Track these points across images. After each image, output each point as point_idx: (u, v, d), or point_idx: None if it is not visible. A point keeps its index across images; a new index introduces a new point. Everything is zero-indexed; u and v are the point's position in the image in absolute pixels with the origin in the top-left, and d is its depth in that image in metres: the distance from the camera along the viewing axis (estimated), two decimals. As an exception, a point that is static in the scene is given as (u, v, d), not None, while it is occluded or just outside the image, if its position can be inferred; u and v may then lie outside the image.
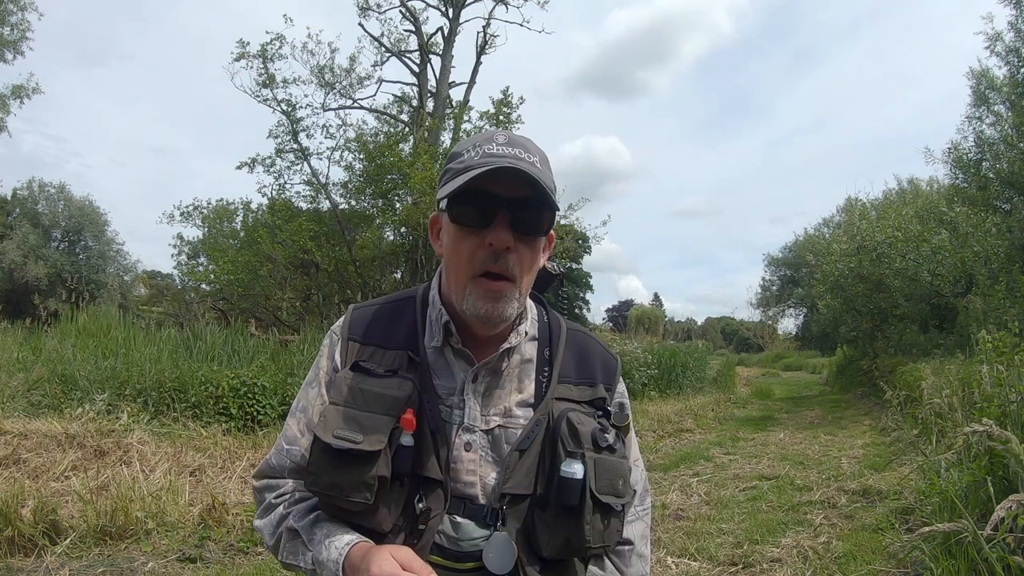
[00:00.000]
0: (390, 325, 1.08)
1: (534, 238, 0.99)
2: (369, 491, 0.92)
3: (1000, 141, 11.55)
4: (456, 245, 0.98)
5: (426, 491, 0.97)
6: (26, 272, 22.24)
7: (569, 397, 1.05)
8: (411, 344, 1.04)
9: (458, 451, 1.00)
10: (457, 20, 14.78)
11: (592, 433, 0.99)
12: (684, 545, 3.74)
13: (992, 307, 8.70)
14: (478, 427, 1.01)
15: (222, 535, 3.58)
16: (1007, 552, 2.22)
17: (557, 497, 0.95)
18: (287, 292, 12.71)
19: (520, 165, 0.94)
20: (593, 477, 0.95)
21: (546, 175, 0.97)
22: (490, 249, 0.95)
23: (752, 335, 43.58)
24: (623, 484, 0.99)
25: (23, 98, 19.22)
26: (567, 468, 0.95)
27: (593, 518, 0.95)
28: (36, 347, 6.65)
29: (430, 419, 0.98)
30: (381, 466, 0.93)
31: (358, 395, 0.96)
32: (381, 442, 0.93)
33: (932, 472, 3.79)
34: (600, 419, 1.02)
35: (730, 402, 12.39)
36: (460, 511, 0.98)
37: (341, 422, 0.94)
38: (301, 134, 13.02)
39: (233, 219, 15.43)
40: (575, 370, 1.09)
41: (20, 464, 4.03)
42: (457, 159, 1.00)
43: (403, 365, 1.02)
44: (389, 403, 0.96)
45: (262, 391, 5.91)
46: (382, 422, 0.94)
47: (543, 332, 1.11)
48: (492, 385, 1.03)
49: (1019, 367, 3.52)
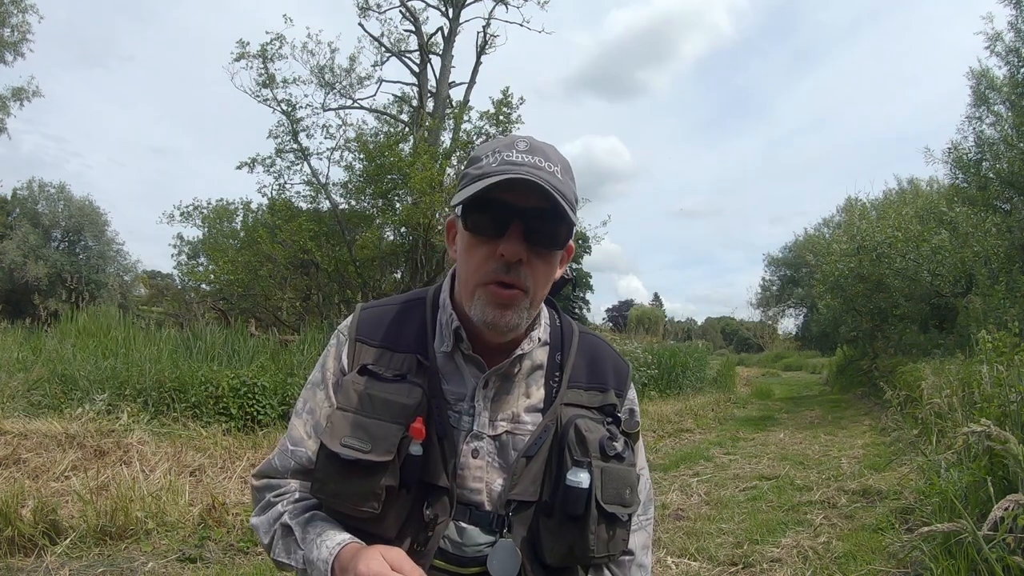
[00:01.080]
0: (399, 327, 1.06)
1: (549, 251, 0.96)
2: (376, 501, 0.91)
3: (1000, 141, 11.55)
4: (469, 252, 0.96)
5: (432, 499, 0.96)
6: (26, 272, 22.25)
7: (579, 403, 1.03)
8: (420, 347, 1.03)
9: (465, 458, 0.98)
10: (457, 20, 14.77)
11: (600, 441, 0.97)
12: (684, 545, 3.74)
13: (992, 307, 8.70)
14: (486, 433, 0.99)
15: (222, 535, 3.58)
16: (1007, 552, 2.22)
17: (562, 506, 0.94)
18: (287, 292, 12.71)
19: (539, 175, 0.91)
20: (600, 487, 0.94)
21: (566, 185, 0.94)
22: (501, 260, 0.92)
23: (752, 335, 43.58)
24: (630, 493, 0.98)
25: (23, 100, 19.26)
26: (573, 477, 0.93)
27: (598, 528, 0.94)
28: (36, 347, 6.65)
29: (438, 426, 0.97)
30: (389, 476, 0.91)
31: (366, 401, 0.94)
32: (390, 452, 0.91)
33: (932, 472, 3.79)
34: (610, 426, 1.01)
35: (730, 402, 12.39)
36: (465, 517, 0.97)
37: (349, 430, 0.92)
38: (301, 134, 13.01)
39: (233, 219, 15.43)
40: (586, 375, 1.07)
41: (20, 464, 4.03)
42: (476, 164, 0.96)
43: (412, 369, 1.00)
44: (398, 411, 0.94)
45: (262, 391, 5.91)
46: (391, 431, 0.92)
47: (555, 337, 1.09)
48: (502, 391, 1.02)
49: (1019, 367, 3.52)
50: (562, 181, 0.94)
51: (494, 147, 0.96)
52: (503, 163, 0.92)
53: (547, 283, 0.99)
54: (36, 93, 19.42)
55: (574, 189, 0.98)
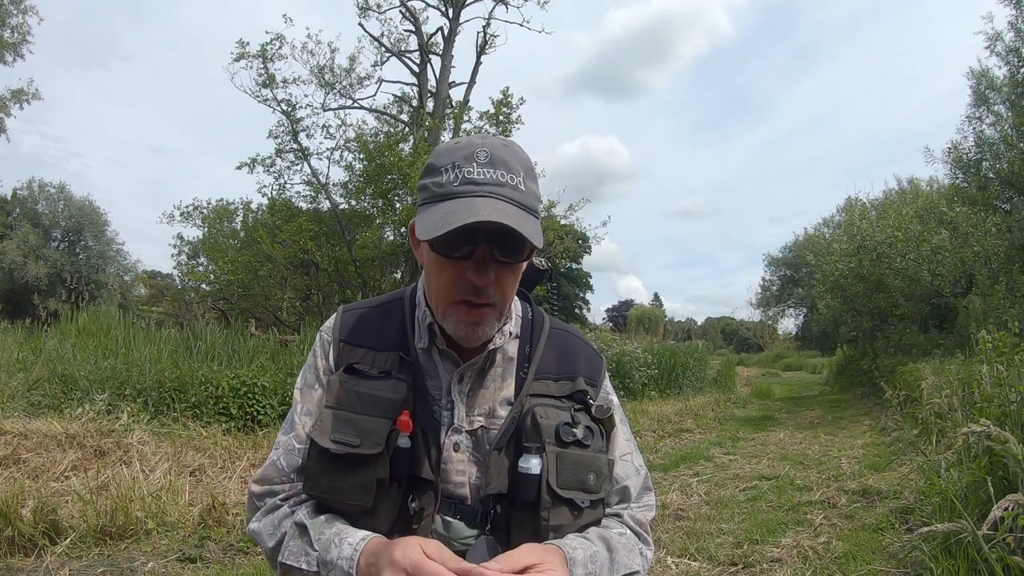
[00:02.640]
0: (381, 327, 1.07)
1: (516, 264, 0.97)
2: (368, 494, 0.92)
3: (1000, 141, 11.56)
4: (436, 270, 0.96)
5: (418, 491, 0.97)
6: (26, 272, 22.27)
7: (547, 393, 1.04)
8: (402, 345, 1.04)
9: (448, 452, 1.00)
10: (457, 20, 14.77)
11: (556, 427, 0.97)
12: (684, 545, 3.74)
13: (992, 307, 8.71)
14: (464, 428, 1.01)
15: (222, 535, 3.58)
16: (1007, 552, 2.22)
17: (516, 493, 0.95)
18: (287, 292, 12.73)
19: (502, 194, 0.90)
20: (554, 472, 0.94)
21: (530, 194, 0.94)
22: (470, 283, 0.93)
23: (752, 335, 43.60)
24: (595, 479, 0.97)
25: (23, 103, 19.27)
26: (523, 463, 0.95)
27: (554, 513, 0.94)
28: (36, 347, 6.64)
29: (422, 419, 0.99)
30: (380, 469, 0.93)
31: (353, 398, 0.96)
32: (379, 445, 0.93)
33: (932, 472, 3.79)
34: (577, 412, 1.01)
35: (730, 402, 12.38)
36: (451, 511, 0.99)
37: (338, 426, 0.94)
38: (301, 134, 13.03)
39: (233, 219, 15.46)
40: (556, 366, 1.07)
41: (20, 464, 4.03)
42: (434, 176, 0.94)
43: (395, 366, 1.01)
44: (386, 405, 0.96)
45: (262, 391, 5.91)
46: (379, 424, 0.94)
47: (525, 330, 1.10)
48: (477, 385, 1.04)
49: (1019, 367, 3.52)
50: (525, 192, 0.93)
51: (453, 159, 0.93)
52: (464, 182, 0.90)
53: (514, 288, 1.01)
54: (36, 95, 19.46)
55: (537, 191, 0.97)
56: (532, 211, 0.93)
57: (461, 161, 0.93)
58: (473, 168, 0.91)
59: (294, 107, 12.88)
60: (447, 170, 0.93)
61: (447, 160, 0.94)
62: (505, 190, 0.91)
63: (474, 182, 0.91)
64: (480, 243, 0.91)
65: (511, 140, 1.00)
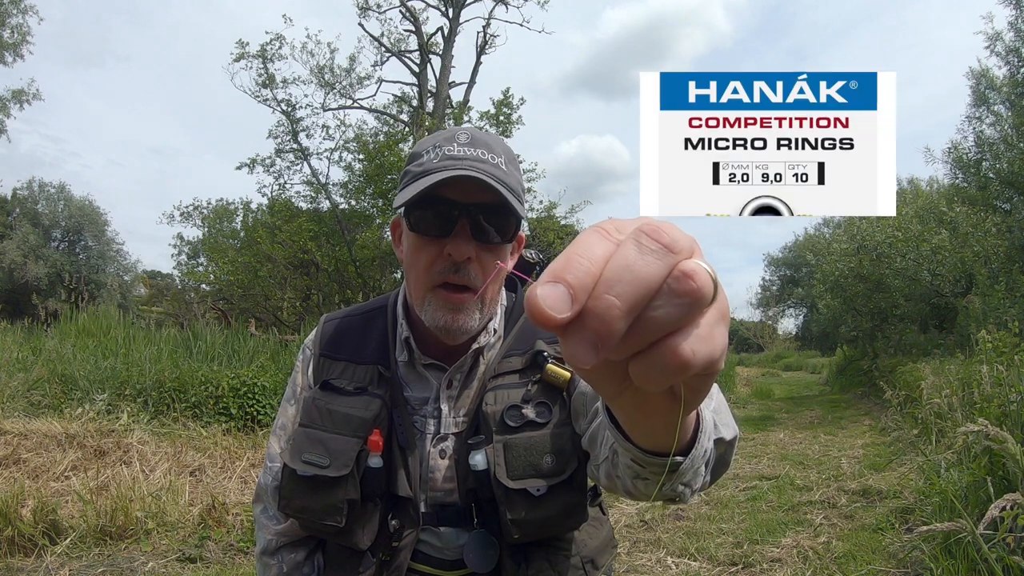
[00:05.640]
0: (361, 338, 1.05)
1: (498, 245, 0.93)
2: (339, 514, 0.92)
3: (1000, 141, 11.57)
4: (415, 254, 0.93)
5: (397, 509, 0.97)
6: (26, 272, 22.26)
7: (511, 369, 0.98)
8: (382, 357, 1.02)
9: (434, 460, 0.98)
10: (457, 20, 14.78)
11: (502, 413, 0.92)
12: (684, 545, 3.74)
13: (992, 307, 8.70)
14: (451, 432, 0.99)
15: (222, 535, 3.58)
16: (1007, 552, 2.22)
17: (478, 490, 0.93)
18: (287, 292, 12.71)
19: (482, 168, 0.88)
20: (503, 463, 0.89)
21: (511, 176, 0.92)
22: (449, 259, 0.90)
23: (752, 335, 43.58)
24: (552, 460, 0.89)
25: (23, 103, 19.27)
26: (471, 461, 0.93)
27: (510, 507, 0.89)
28: (36, 347, 6.64)
29: (399, 435, 0.97)
30: (349, 490, 0.92)
31: (326, 416, 0.96)
32: (347, 466, 0.92)
33: (932, 472, 3.79)
34: (533, 385, 0.94)
35: (730, 402, 12.31)
36: (435, 521, 0.97)
37: (308, 446, 0.94)
38: (301, 134, 13.04)
39: (233, 219, 15.48)
40: (521, 340, 1.01)
41: (20, 464, 4.03)
42: (416, 160, 0.93)
43: (373, 380, 1.00)
44: (356, 425, 0.94)
45: (262, 391, 5.91)
46: (349, 444, 0.93)
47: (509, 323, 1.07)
48: (464, 386, 1.01)
49: (1019, 367, 3.52)
50: (507, 172, 0.91)
51: (434, 141, 0.93)
52: (444, 158, 0.89)
53: (500, 279, 0.99)
54: (36, 96, 19.45)
55: (520, 179, 0.96)
56: (514, 192, 0.91)
57: (442, 142, 0.92)
58: (454, 147, 0.90)
59: (294, 107, 12.90)
60: (428, 151, 0.93)
61: (429, 144, 0.94)
62: (486, 167, 0.89)
63: (454, 158, 0.89)
64: (460, 217, 0.89)
65: (494, 133, 0.99)
